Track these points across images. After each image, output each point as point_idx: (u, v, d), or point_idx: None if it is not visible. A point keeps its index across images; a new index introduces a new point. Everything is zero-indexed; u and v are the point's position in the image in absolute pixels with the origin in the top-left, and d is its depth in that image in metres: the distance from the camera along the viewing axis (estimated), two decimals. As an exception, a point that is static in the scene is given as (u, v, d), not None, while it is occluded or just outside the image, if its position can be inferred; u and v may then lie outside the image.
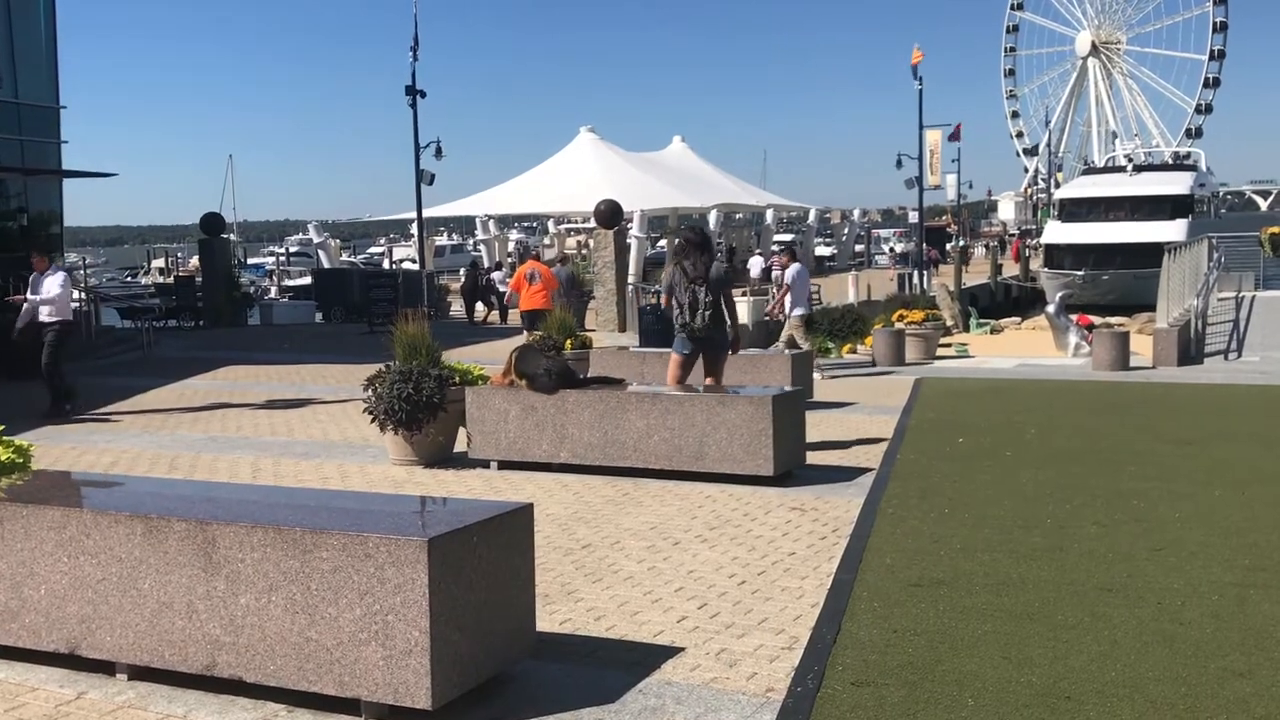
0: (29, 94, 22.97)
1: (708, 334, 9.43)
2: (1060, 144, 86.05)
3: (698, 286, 9.33)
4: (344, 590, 4.07)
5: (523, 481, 8.53)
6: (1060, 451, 9.50)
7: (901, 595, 5.53)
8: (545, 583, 5.70)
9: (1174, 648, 4.76)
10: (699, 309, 9.33)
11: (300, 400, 13.85)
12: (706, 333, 9.42)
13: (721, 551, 6.46)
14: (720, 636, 5.02)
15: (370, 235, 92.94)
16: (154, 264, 66.15)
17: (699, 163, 52.15)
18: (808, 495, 7.91)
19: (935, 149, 47.88)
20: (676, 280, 9.41)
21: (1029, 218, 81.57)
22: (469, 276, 32.71)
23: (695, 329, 9.37)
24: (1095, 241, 41.77)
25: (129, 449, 10.53)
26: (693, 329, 9.38)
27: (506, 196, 45.95)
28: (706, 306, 9.32)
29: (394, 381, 9.03)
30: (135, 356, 20.27)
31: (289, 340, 23.53)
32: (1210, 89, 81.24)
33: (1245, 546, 6.38)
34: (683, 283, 9.36)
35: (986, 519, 7.10)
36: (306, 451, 10.16)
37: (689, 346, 9.51)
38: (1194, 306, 19.53)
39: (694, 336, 9.42)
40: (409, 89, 32.52)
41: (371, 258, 65.84)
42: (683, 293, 9.36)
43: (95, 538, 4.49)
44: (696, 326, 9.36)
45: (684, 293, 9.35)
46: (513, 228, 64.18)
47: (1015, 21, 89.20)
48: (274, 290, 44.38)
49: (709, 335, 9.45)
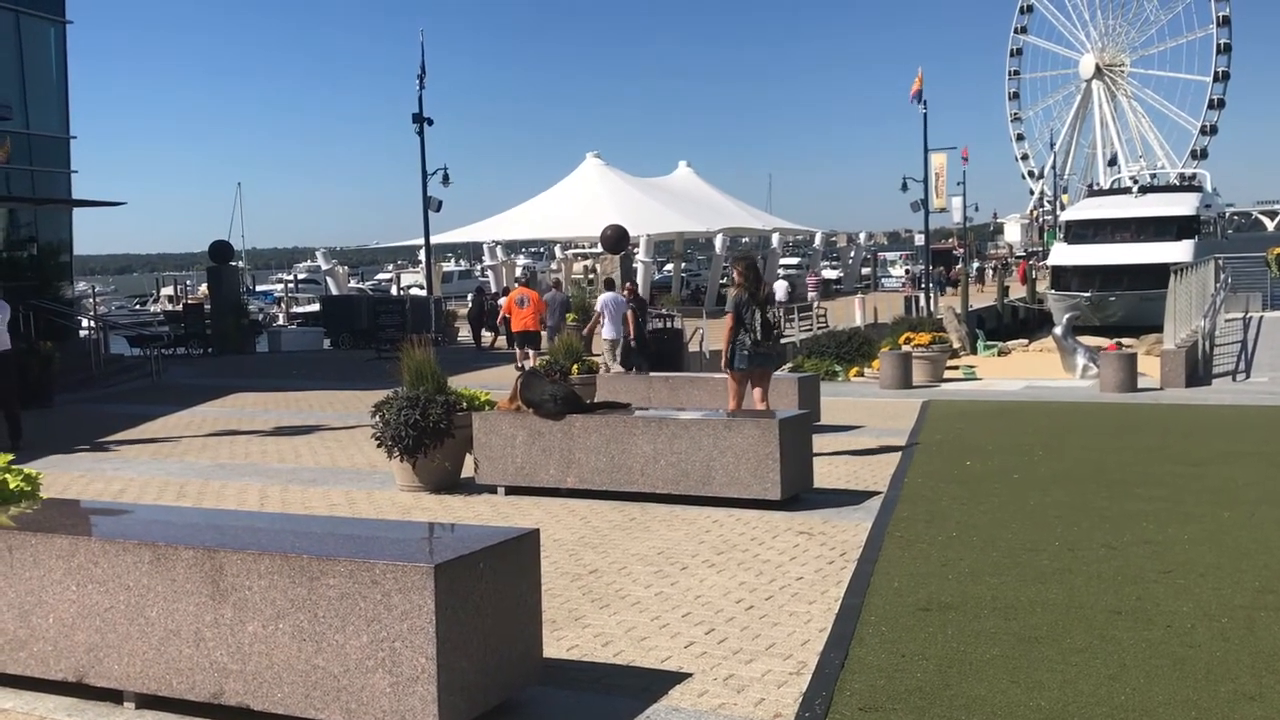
0: (40, 125, 23.18)
1: (771, 351, 10.41)
2: (1065, 166, 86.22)
3: (767, 309, 10.38)
4: (351, 617, 4.08)
5: (530, 507, 8.53)
6: (1068, 473, 9.48)
7: (910, 619, 5.52)
8: (552, 608, 5.70)
9: (1184, 670, 4.74)
10: (771, 329, 10.36)
11: (308, 426, 13.88)
12: (772, 350, 10.41)
13: (729, 576, 6.45)
14: (728, 662, 5.01)
15: (378, 261, 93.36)
16: (163, 292, 66.50)
17: (704, 187, 52.36)
18: (815, 519, 7.90)
19: (940, 172, 47.96)
20: (744, 302, 10.17)
21: (1035, 240, 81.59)
22: (475, 302, 32.78)
23: (767, 347, 10.29)
24: (1102, 263, 41.78)
25: (137, 476, 10.55)
26: (765, 347, 10.25)
27: (513, 222, 46.18)
28: (775, 326, 10.52)
29: (401, 407, 9.05)
30: (144, 384, 20.35)
31: (297, 367, 23.59)
32: (1215, 110, 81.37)
33: (1255, 568, 6.35)
34: (751, 305, 10.16)
35: (995, 542, 7.08)
36: (314, 478, 10.18)
37: (753, 363, 10.22)
38: (1201, 327, 19.49)
39: (759, 354, 10.21)
40: (416, 117, 32.72)
41: (379, 284, 66.09)
42: (751, 315, 10.14)
43: (103, 566, 4.51)
44: (768, 345, 10.30)
45: (751, 315, 10.15)
46: (520, 253, 64.43)
47: (1019, 45, 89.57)
48: (282, 317, 44.53)
49: (771, 352, 10.43)
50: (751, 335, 10.08)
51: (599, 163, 47.56)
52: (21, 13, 22.58)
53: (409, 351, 9.43)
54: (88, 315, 27.19)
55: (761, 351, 10.16)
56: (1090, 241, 43.98)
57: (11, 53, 22.52)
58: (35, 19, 23.09)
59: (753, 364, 10.16)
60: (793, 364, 21.94)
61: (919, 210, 42.69)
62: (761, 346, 10.15)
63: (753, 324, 10.09)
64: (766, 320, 10.23)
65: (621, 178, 47.29)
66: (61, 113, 24.04)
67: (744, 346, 10.12)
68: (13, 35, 22.49)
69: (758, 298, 10.20)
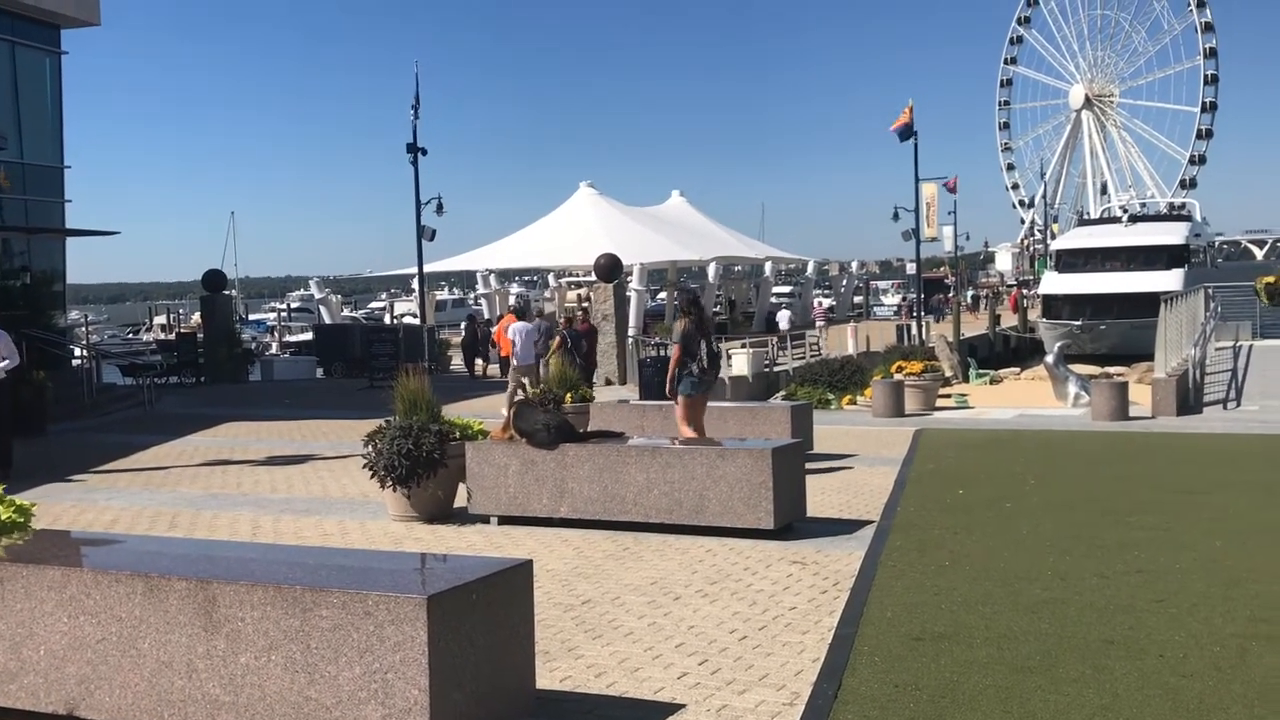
0: (34, 154, 23.22)
1: (714, 379, 11.15)
2: (1056, 195, 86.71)
3: (713, 340, 11.06)
4: (343, 649, 4.07)
5: (523, 537, 8.52)
6: (1060, 502, 9.50)
7: (902, 650, 5.52)
8: (545, 639, 5.69)
9: (1176, 701, 4.74)
10: (718, 358, 11.03)
11: (300, 456, 13.86)
12: (715, 378, 11.17)
13: (722, 606, 6.44)
14: (721, 693, 5.00)
15: (372, 290, 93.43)
16: (156, 320, 66.48)
17: (697, 216, 52.49)
18: (808, 548, 7.90)
19: (932, 201, 48.14)
20: (692, 334, 10.80)
21: (1026, 268, 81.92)
22: (468, 330, 32.81)
23: (712, 375, 10.98)
24: (1092, 291, 41.95)
25: (129, 506, 10.52)
26: (710, 375, 10.92)
27: (507, 251, 46.22)
28: (717, 356, 11.16)
29: (394, 437, 9.05)
30: (136, 413, 20.30)
31: (290, 396, 23.56)
32: (1203, 140, 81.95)
33: (1247, 597, 6.36)
34: (697, 336, 10.82)
35: (987, 571, 7.09)
36: (307, 508, 10.16)
37: (698, 389, 10.82)
38: (1192, 356, 19.57)
39: (705, 381, 10.85)
40: (410, 146, 32.86)
41: (373, 312, 66.11)
42: (697, 346, 10.79)
43: (95, 597, 4.50)
44: (713, 374, 11.00)
45: (697, 345, 10.79)
46: (513, 282, 64.45)
47: (1009, 75, 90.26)
48: (275, 346, 44.53)
49: (714, 380, 11.16)
50: (699, 364, 10.74)
51: (592, 192, 47.69)
52: (17, 44, 22.69)
53: (402, 380, 9.44)
54: (80, 344, 27.15)
55: (707, 379, 10.90)
56: (1081, 270, 44.18)
57: (7, 83, 22.62)
58: (30, 50, 23.19)
59: (698, 390, 10.81)
60: (786, 392, 21.95)
61: (910, 239, 42.86)
62: (707, 375, 10.88)
63: (699, 354, 10.78)
64: (712, 350, 11.00)
65: (615, 206, 47.41)
66: (56, 143, 24.10)
67: (692, 374, 10.76)
68: (9, 66, 22.58)
69: (704, 329, 10.96)
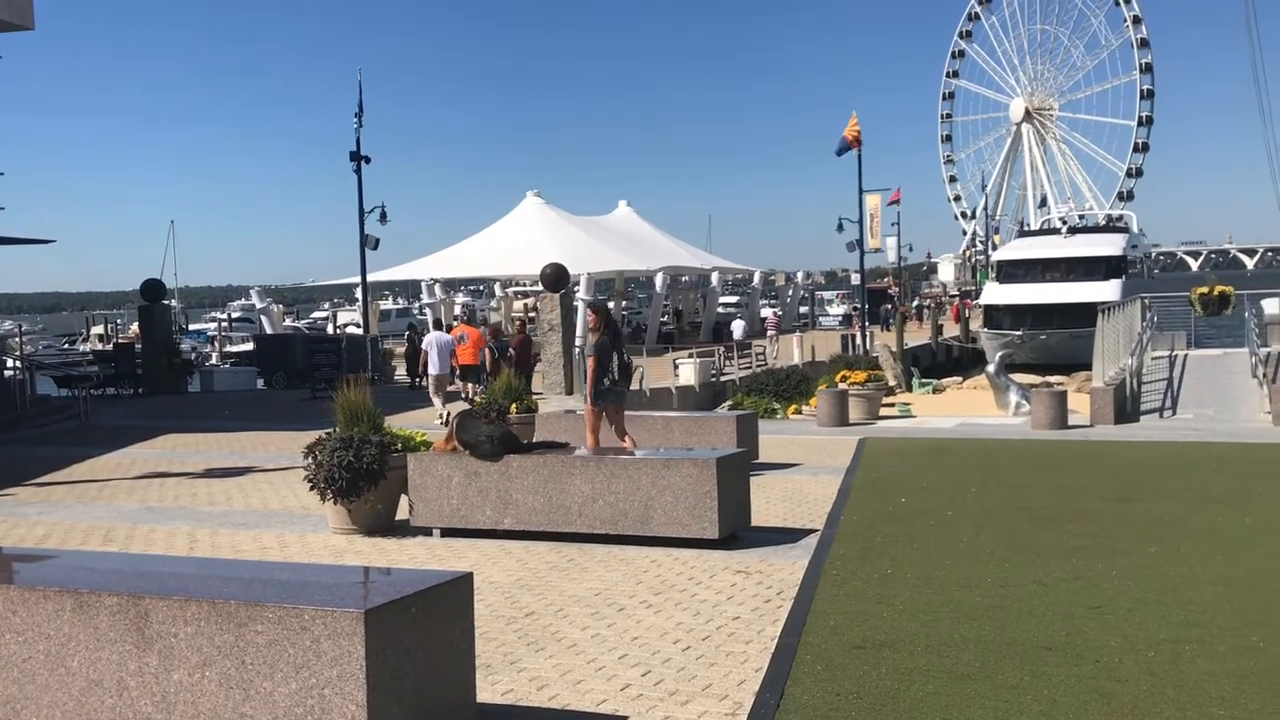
0: (-35, 160, 22.73)
1: (625, 388, 11.60)
2: (997, 207, 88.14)
3: (623, 351, 11.49)
4: (279, 664, 4.00)
5: (466, 549, 8.45)
6: (1001, 510, 9.61)
7: (844, 658, 5.54)
8: (487, 652, 5.64)
9: (1111, 705, 4.81)
10: (629, 369, 11.39)
11: (240, 468, 13.64)
12: (625, 388, 11.64)
13: (666, 617, 6.43)
14: (664, 704, 4.99)
15: (315, 300, 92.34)
16: (93, 331, 65.05)
17: (645, 226, 52.61)
18: (752, 558, 7.92)
19: (875, 213, 48.73)
20: (605, 346, 11.24)
21: (968, 279, 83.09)
22: (411, 340, 32.53)
23: (622, 385, 11.43)
24: (1032, 302, 42.66)
25: (62, 521, 10.29)
26: (621, 385, 11.38)
27: (453, 260, 45.99)
28: (627, 366, 11.57)
29: (334, 449, 8.93)
30: (71, 425, 19.87)
31: (230, 407, 23.21)
32: (1140, 153, 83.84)
33: (1180, 603, 6.48)
34: (610, 349, 11.27)
35: (929, 579, 7.15)
36: (245, 521, 10.00)
37: (608, 399, 11.28)
38: (1129, 365, 19.94)
39: (615, 391, 11.30)
40: (354, 154, 32.58)
41: (315, 322, 65.33)
42: (609, 358, 11.23)
43: (22, 614, 4.38)
44: (624, 384, 11.48)
45: (609, 357, 11.23)
46: (459, 291, 64.12)
47: (951, 89, 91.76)
48: (215, 356, 43.83)
49: (625, 389, 11.60)
50: (610, 376, 11.21)
51: (539, 201, 47.63)
52: (-53, 47, 22.19)
53: (344, 391, 9.33)
54: (13, 355, 26.55)
55: (618, 389, 11.34)
56: (1021, 281, 44.90)
57: (-63, 88, 22.12)
58: (-38, 54, 22.70)
59: (608, 400, 11.27)
60: (732, 401, 22.05)
61: (854, 250, 43.28)
62: (618, 385, 11.33)
63: (611, 366, 11.22)
64: (623, 362, 11.48)
65: (561, 216, 47.38)
66: (-12, 149, 23.62)
67: (602, 385, 11.22)
68: (-61, 70, 22.10)
69: (616, 342, 11.45)
